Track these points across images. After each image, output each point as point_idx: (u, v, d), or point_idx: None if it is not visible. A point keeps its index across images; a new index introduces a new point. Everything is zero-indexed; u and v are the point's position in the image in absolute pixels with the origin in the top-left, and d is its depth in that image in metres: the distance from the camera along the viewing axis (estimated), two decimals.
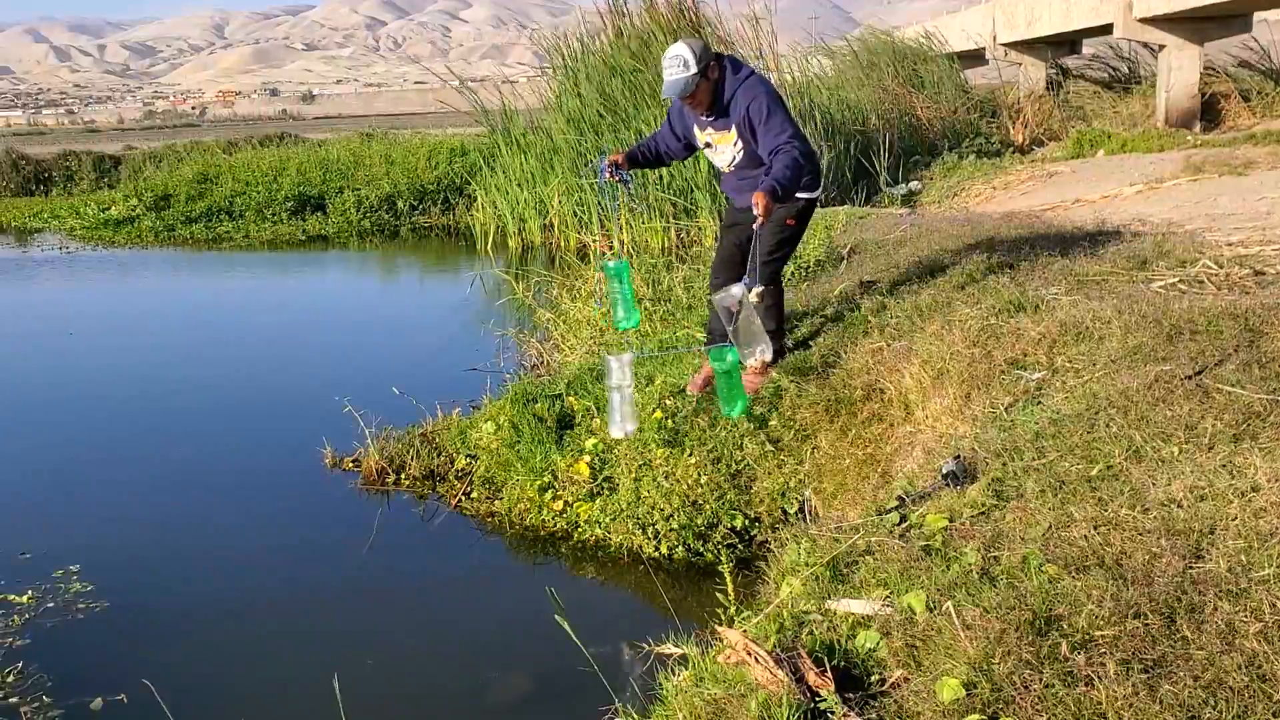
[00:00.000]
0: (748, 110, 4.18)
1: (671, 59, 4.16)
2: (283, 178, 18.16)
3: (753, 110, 4.16)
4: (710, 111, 4.29)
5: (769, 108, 4.17)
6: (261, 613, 4.11)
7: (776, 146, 4.11)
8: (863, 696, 2.13)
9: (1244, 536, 2.25)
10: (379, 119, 46.61)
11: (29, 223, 18.97)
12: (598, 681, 3.12)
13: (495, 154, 14.69)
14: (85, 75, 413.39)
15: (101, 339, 9.58)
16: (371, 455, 5.46)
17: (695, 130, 4.45)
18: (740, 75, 4.26)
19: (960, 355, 4.02)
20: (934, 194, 12.41)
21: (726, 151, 4.39)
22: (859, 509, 3.69)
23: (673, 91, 4.15)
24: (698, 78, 4.12)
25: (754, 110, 4.16)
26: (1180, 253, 5.08)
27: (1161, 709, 1.82)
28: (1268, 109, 16.11)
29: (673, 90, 4.15)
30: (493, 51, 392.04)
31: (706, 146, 4.47)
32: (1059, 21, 19.51)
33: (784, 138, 4.11)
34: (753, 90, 4.20)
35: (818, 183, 4.51)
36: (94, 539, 4.85)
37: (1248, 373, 3.09)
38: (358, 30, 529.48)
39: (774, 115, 4.17)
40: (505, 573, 4.37)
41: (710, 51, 4.20)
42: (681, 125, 4.51)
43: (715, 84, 4.21)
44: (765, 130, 4.16)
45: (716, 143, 4.39)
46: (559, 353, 6.99)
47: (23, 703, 3.44)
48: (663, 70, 4.22)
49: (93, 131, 67.01)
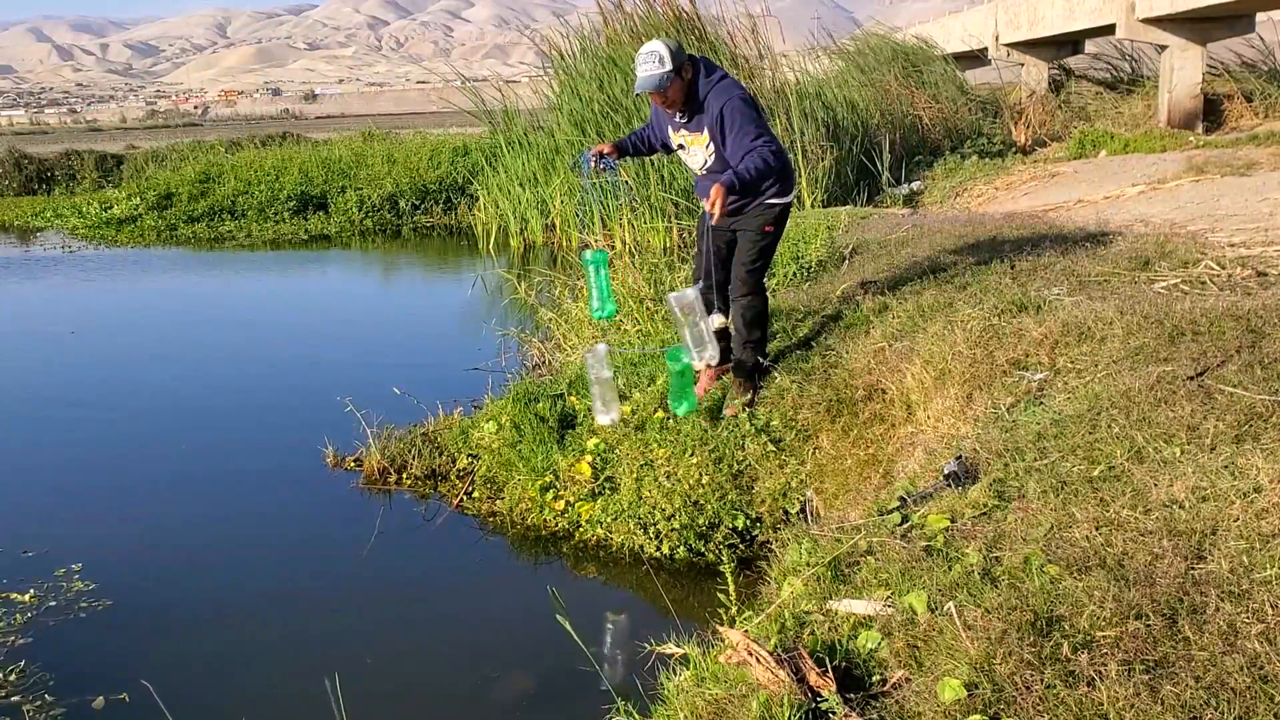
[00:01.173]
0: (721, 112, 4.19)
1: (646, 55, 4.18)
2: (285, 177, 18.17)
3: (725, 113, 4.18)
4: (683, 112, 4.31)
5: (741, 112, 4.18)
6: (262, 612, 4.12)
7: (747, 149, 4.14)
8: (864, 697, 2.13)
9: (1246, 537, 2.25)
10: (381, 118, 46.66)
11: (31, 222, 18.98)
12: (598, 681, 3.12)
13: (497, 154, 14.70)
14: (88, 74, 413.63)
15: (103, 338, 9.59)
16: (373, 455, 5.46)
17: (669, 131, 4.47)
18: (713, 78, 4.27)
19: (962, 355, 4.02)
20: (936, 194, 12.41)
21: (698, 154, 4.40)
22: (860, 509, 3.68)
23: (646, 87, 4.17)
24: (671, 74, 4.14)
25: (726, 113, 4.18)
26: (1182, 254, 5.08)
27: (1163, 710, 1.82)
28: (1271, 109, 16.10)
29: (646, 85, 4.16)
30: (495, 51, 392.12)
31: (680, 148, 4.48)
32: (1061, 22, 19.50)
33: (753, 140, 4.14)
34: (725, 94, 4.21)
35: (789, 188, 4.48)
36: (95, 538, 4.85)
37: (1250, 374, 3.09)
38: (360, 30, 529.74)
39: (745, 119, 4.19)
40: (507, 572, 4.37)
41: (684, 52, 4.24)
42: (658, 125, 4.53)
43: (689, 84, 4.23)
44: (736, 134, 4.18)
45: (689, 144, 4.41)
46: (561, 352, 6.99)
47: (25, 701, 3.44)
48: (636, 67, 4.23)
49: (95, 130, 67.05)
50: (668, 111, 4.35)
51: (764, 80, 13.04)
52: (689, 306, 3.83)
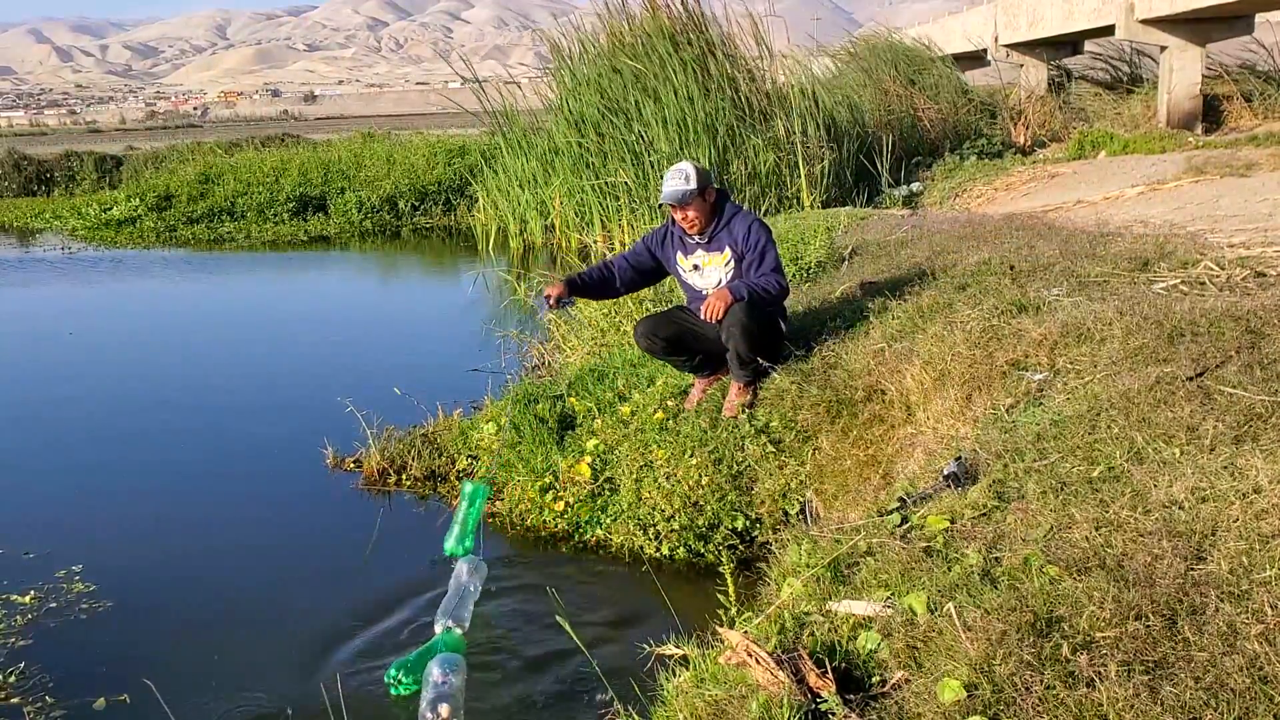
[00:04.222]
0: (748, 229, 4.54)
1: (674, 172, 4.55)
2: (284, 178, 18.19)
3: (754, 231, 4.54)
4: (702, 233, 4.60)
5: (769, 240, 4.57)
6: (263, 613, 4.11)
7: (766, 274, 4.50)
8: (864, 698, 2.13)
9: (1245, 538, 2.25)
10: (381, 119, 46.67)
11: (31, 223, 18.99)
12: (598, 682, 3.12)
13: (496, 155, 14.70)
14: (87, 76, 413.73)
15: (103, 339, 9.60)
16: (373, 455, 5.46)
17: (679, 255, 4.73)
18: (738, 206, 4.68)
19: (962, 356, 4.02)
20: (935, 195, 12.41)
21: (714, 273, 4.64)
22: (860, 510, 3.69)
23: (670, 199, 4.49)
24: (694, 192, 4.47)
25: (754, 232, 4.54)
26: (1182, 254, 5.08)
27: (1163, 710, 1.83)
28: (1270, 110, 16.10)
29: (670, 197, 4.49)
30: (495, 52, 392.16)
31: (693, 270, 4.70)
32: (1061, 23, 19.51)
33: (773, 270, 4.51)
34: (751, 218, 4.61)
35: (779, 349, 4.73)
36: (96, 539, 4.85)
37: (1249, 374, 3.09)
38: (360, 31, 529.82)
39: (772, 244, 4.57)
40: (506, 573, 4.37)
41: (710, 175, 4.63)
42: (661, 249, 4.79)
43: (712, 207, 4.58)
44: (763, 257, 4.52)
45: (705, 265, 4.66)
46: (560, 353, 7.00)
47: (25, 703, 3.44)
48: (664, 181, 4.59)
49: (95, 132, 67.09)
50: (687, 232, 4.63)
51: (764, 80, 13.05)
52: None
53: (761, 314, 4.50)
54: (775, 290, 4.49)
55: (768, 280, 4.46)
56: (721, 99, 12.04)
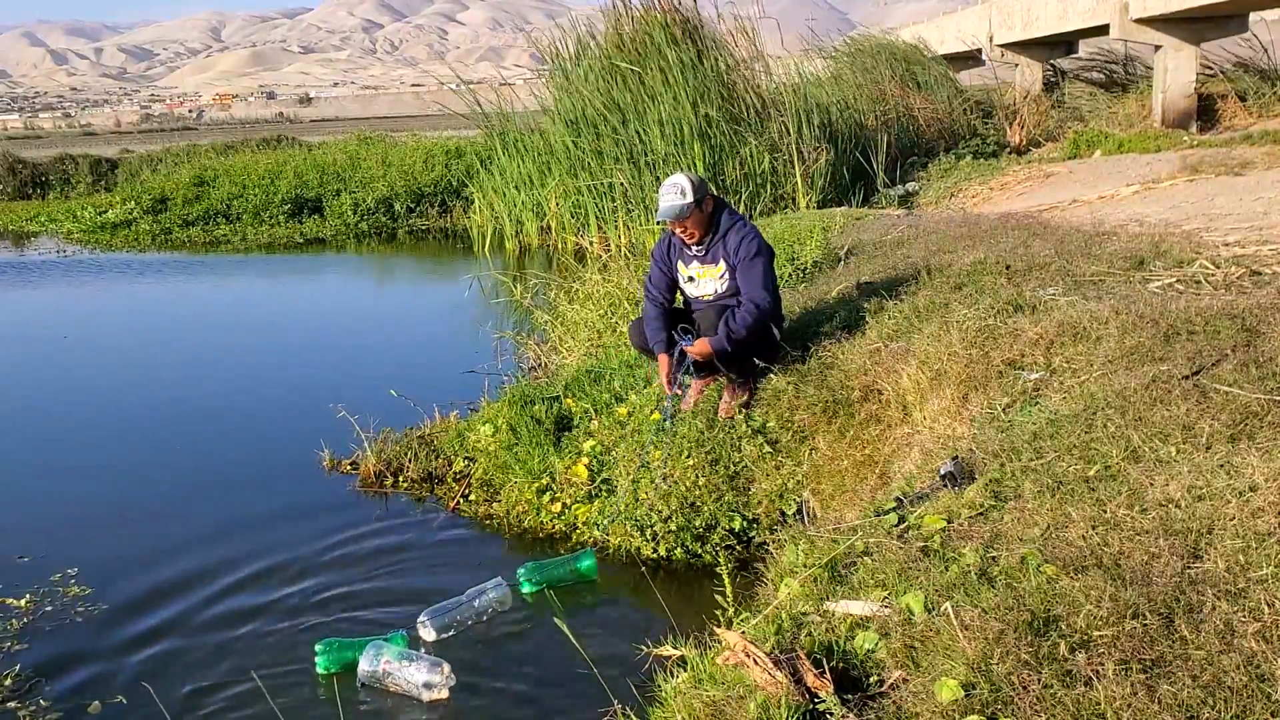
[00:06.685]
0: (740, 243, 4.46)
1: (669, 186, 4.45)
2: (280, 181, 18.16)
3: (745, 245, 4.45)
4: (700, 243, 4.54)
5: (761, 250, 4.47)
6: (259, 616, 4.10)
7: (755, 298, 4.41)
8: (861, 697, 2.13)
9: (1242, 536, 2.25)
10: (376, 121, 46.63)
11: (26, 226, 18.95)
12: (596, 683, 3.12)
13: (492, 157, 14.70)
14: (82, 78, 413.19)
15: (98, 342, 9.58)
16: (369, 458, 5.46)
17: (679, 264, 4.68)
18: (735, 217, 4.58)
19: (958, 356, 4.02)
20: (931, 195, 12.42)
21: (709, 285, 4.61)
22: (857, 510, 3.69)
23: (667, 215, 4.42)
24: (692, 206, 4.40)
25: (745, 245, 4.45)
26: (1177, 253, 5.08)
27: (1160, 709, 1.82)
28: (1264, 109, 16.12)
29: (667, 214, 4.41)
30: (490, 54, 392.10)
31: (689, 280, 4.66)
32: (1055, 22, 19.53)
33: (764, 292, 4.42)
34: (747, 230, 4.52)
35: (775, 355, 4.70)
36: (91, 543, 4.84)
37: (1245, 373, 3.09)
38: (355, 33, 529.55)
39: (764, 260, 4.47)
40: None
41: (707, 186, 4.53)
42: (666, 262, 4.72)
43: (709, 217, 4.50)
44: (751, 269, 4.43)
45: (700, 276, 4.62)
46: (557, 355, 6.99)
47: (21, 706, 3.43)
48: (659, 197, 4.49)
49: (89, 135, 67.00)
50: (685, 242, 4.56)
51: (759, 81, 13.06)
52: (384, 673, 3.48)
53: (746, 345, 4.47)
54: (755, 318, 4.40)
55: (746, 312, 4.39)
56: (717, 99, 12.04)
